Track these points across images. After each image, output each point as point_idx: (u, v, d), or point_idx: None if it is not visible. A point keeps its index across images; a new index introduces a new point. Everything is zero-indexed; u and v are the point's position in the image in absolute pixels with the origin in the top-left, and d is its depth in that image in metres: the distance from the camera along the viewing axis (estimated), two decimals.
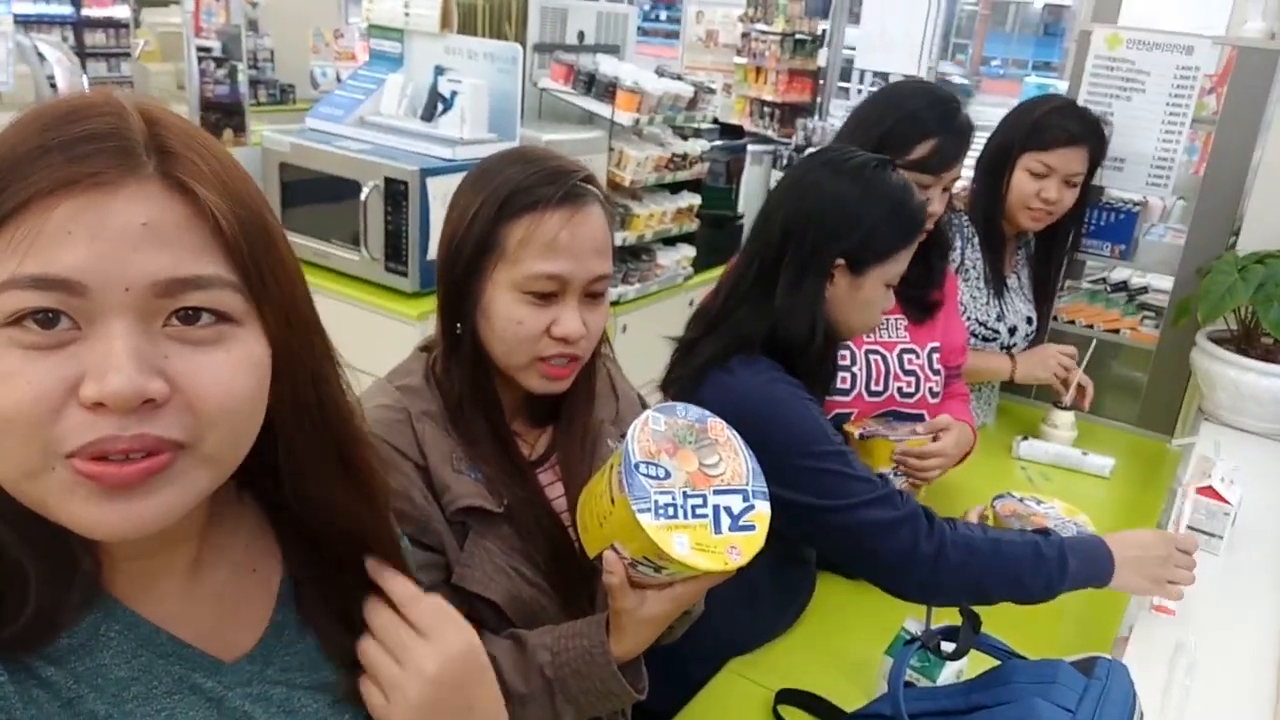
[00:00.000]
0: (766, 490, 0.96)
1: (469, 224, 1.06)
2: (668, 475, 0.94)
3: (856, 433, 1.64)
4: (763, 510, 0.95)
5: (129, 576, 0.63)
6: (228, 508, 0.70)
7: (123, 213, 0.53)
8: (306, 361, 0.64)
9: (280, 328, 0.61)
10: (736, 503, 0.95)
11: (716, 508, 0.94)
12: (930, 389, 1.79)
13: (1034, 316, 2.31)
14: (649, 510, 0.90)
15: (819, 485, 1.32)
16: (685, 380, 1.41)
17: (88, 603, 0.61)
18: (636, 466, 0.93)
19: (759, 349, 1.39)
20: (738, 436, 1.01)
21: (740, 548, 0.92)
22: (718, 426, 1.01)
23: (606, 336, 1.22)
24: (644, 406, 1.26)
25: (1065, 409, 2.25)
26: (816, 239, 1.39)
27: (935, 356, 1.82)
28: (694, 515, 0.92)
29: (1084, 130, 2.14)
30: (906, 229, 1.42)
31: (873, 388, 1.73)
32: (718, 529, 0.92)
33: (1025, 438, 2.24)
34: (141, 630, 0.63)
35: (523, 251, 1.04)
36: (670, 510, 0.91)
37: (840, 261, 1.40)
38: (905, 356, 1.78)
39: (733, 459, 0.98)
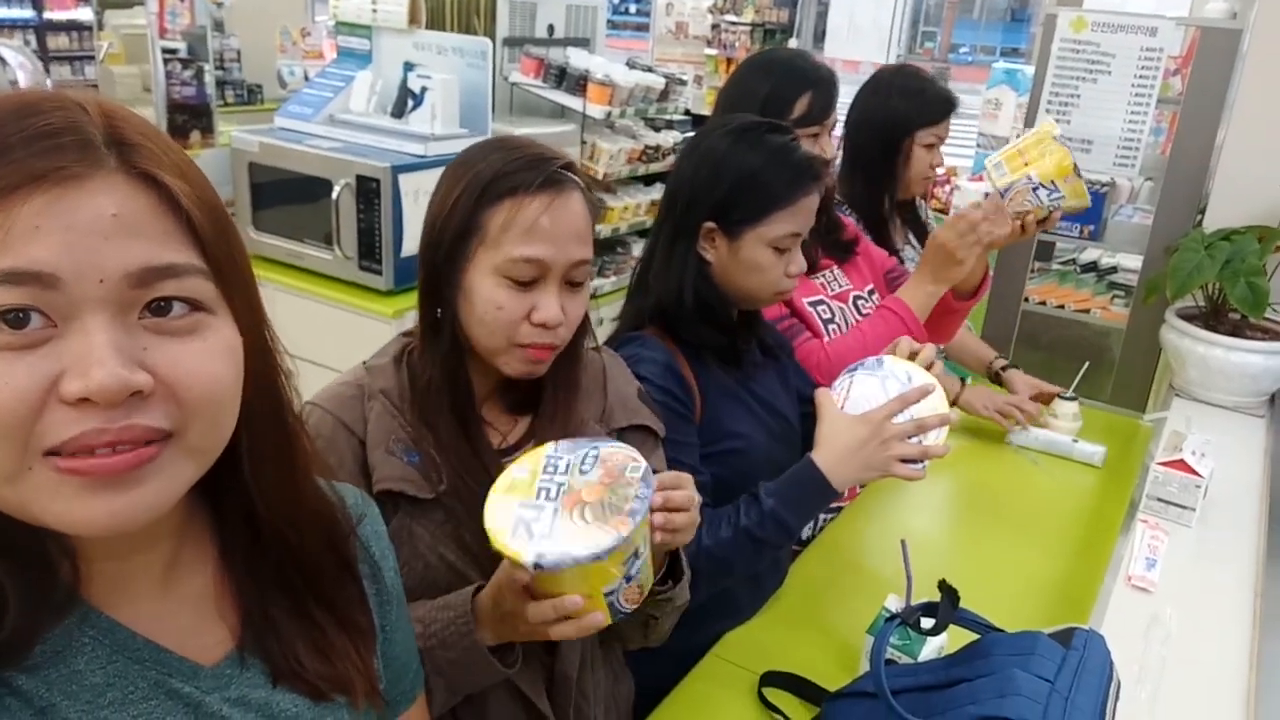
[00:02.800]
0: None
1: (451, 208, 1.07)
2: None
3: None
4: None
5: (104, 579, 0.62)
6: (202, 507, 0.69)
7: (91, 205, 0.52)
8: (264, 354, 0.64)
9: (244, 317, 0.60)
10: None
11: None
12: None
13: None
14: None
15: None
16: None
17: (63, 609, 0.59)
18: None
19: (650, 321, 1.41)
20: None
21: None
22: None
23: (593, 332, 1.22)
24: (644, 404, 1.25)
25: (1070, 399, 2.18)
26: (686, 203, 1.41)
27: (876, 297, 1.92)
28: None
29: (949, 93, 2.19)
30: (781, 186, 1.38)
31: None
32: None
33: (1018, 424, 2.18)
34: (117, 635, 0.61)
35: (504, 235, 1.05)
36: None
37: (710, 224, 1.40)
38: (859, 302, 1.88)
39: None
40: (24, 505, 0.54)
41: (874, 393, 1.38)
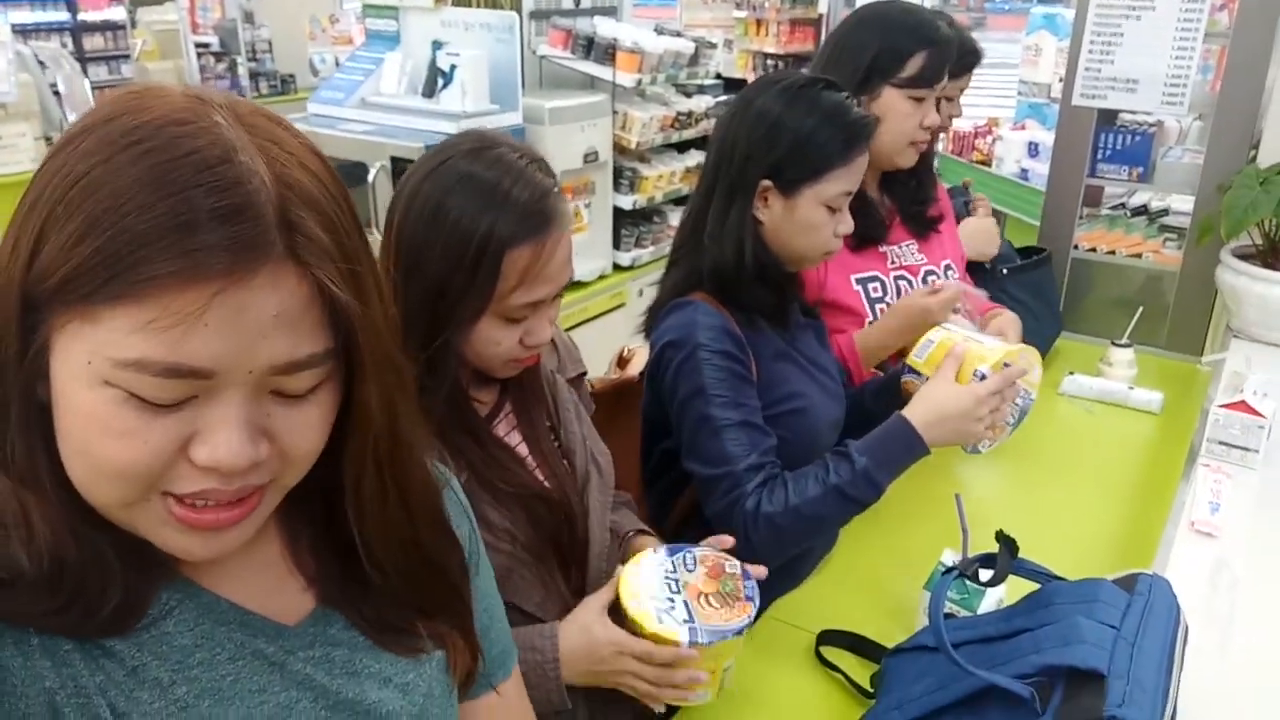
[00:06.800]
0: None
1: (455, 268, 1.03)
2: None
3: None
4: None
5: None
6: None
7: (256, 305, 0.54)
8: (387, 401, 0.64)
9: (373, 371, 0.62)
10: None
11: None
12: None
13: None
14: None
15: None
16: (648, 321, 1.47)
17: (158, 578, 0.63)
18: None
19: (706, 283, 1.40)
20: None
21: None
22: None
23: None
24: (572, 348, 1.35)
25: (1123, 346, 2.11)
26: (741, 160, 1.38)
27: (952, 273, 1.83)
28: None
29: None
30: (838, 145, 1.36)
31: None
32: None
33: (1072, 374, 2.13)
34: (202, 599, 0.64)
35: (513, 290, 1.05)
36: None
37: (767, 182, 1.38)
38: (930, 278, 1.79)
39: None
40: (133, 523, 0.58)
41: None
